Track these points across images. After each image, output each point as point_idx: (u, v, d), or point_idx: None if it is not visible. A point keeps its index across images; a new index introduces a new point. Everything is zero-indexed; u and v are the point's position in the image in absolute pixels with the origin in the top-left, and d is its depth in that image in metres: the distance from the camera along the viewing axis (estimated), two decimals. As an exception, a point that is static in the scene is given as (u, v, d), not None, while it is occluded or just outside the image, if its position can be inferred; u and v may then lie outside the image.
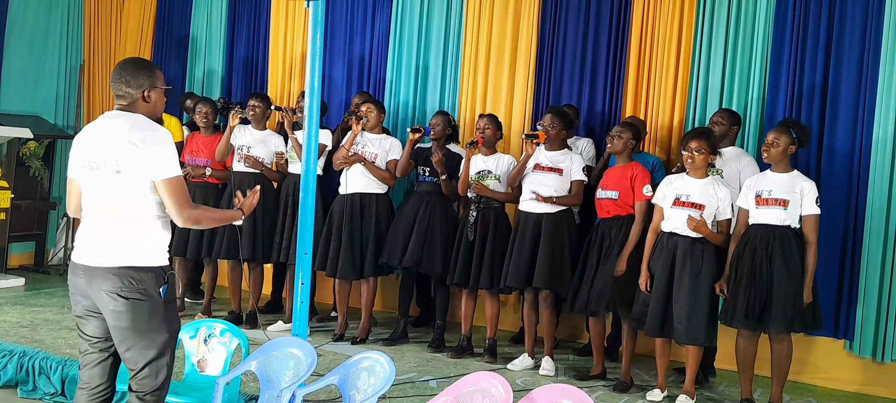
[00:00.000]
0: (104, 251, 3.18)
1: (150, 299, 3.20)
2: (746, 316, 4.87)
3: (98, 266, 3.17)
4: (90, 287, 3.20)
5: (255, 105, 6.48)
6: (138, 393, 3.24)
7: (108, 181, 3.18)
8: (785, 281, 4.80)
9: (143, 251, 3.21)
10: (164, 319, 3.25)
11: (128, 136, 3.15)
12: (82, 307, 3.28)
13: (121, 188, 3.17)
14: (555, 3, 6.77)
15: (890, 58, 5.57)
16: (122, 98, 3.27)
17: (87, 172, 3.23)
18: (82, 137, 3.31)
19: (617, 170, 5.43)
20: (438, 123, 6.15)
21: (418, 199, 6.07)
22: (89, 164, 3.22)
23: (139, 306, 3.17)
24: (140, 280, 3.17)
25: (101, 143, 3.21)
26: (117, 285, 3.15)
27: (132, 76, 3.26)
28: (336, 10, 7.62)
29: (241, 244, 6.20)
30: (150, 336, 3.20)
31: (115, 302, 3.16)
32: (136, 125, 3.19)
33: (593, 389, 5.28)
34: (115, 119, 3.24)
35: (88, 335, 3.30)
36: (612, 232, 5.36)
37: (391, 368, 3.67)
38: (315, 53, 4.49)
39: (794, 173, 4.98)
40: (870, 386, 5.74)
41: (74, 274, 3.27)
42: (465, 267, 5.77)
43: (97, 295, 3.19)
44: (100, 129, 3.26)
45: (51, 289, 7.36)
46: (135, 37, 8.79)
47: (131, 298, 3.16)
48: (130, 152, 3.14)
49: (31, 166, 8.14)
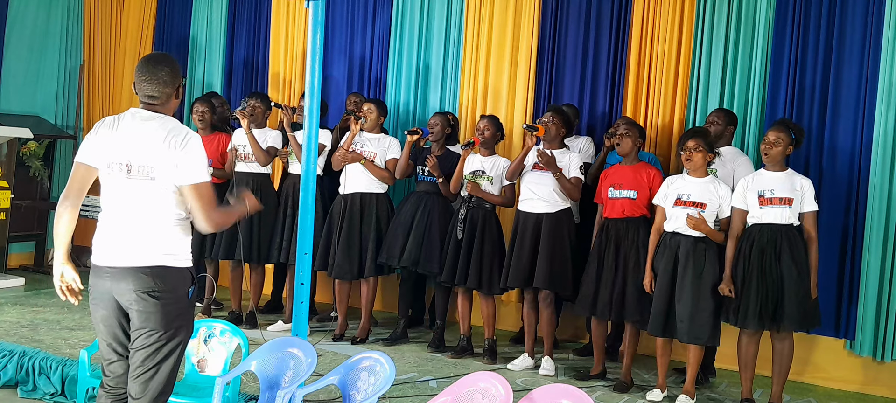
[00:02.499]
0: (135, 252, 3.16)
1: (179, 300, 3.21)
2: (759, 317, 4.87)
3: (128, 266, 3.15)
4: (118, 288, 3.18)
5: (254, 105, 6.49)
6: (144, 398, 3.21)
7: (141, 186, 3.16)
8: (796, 280, 4.82)
9: (173, 252, 3.20)
10: (188, 320, 3.27)
11: (164, 142, 3.13)
12: (105, 310, 3.24)
13: (154, 193, 3.16)
14: (555, 4, 6.77)
15: (890, 57, 5.57)
16: (156, 98, 3.21)
17: (120, 175, 3.18)
18: (113, 134, 3.22)
19: (628, 169, 5.42)
20: (437, 124, 6.14)
21: (417, 199, 6.08)
22: (124, 168, 3.17)
23: (168, 306, 3.17)
24: (171, 280, 3.17)
25: (135, 147, 3.16)
26: (149, 285, 3.14)
27: (170, 75, 3.21)
28: (336, 10, 7.61)
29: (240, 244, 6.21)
30: (171, 337, 3.20)
31: (145, 302, 3.15)
32: (171, 131, 3.16)
33: (593, 389, 5.28)
34: (146, 121, 3.19)
35: (111, 339, 3.27)
36: (629, 235, 5.32)
37: (391, 368, 3.67)
38: (315, 53, 4.49)
39: (789, 171, 5.00)
40: (870, 386, 5.74)
41: (98, 277, 3.23)
42: (453, 266, 5.77)
43: (125, 296, 3.17)
44: (131, 131, 3.19)
45: (51, 289, 7.32)
46: (135, 37, 8.78)
47: (162, 298, 3.16)
48: (165, 158, 3.12)
49: (31, 166, 8.14)
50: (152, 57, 3.29)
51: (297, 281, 4.52)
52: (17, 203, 7.71)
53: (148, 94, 3.21)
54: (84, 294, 3.32)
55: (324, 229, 6.17)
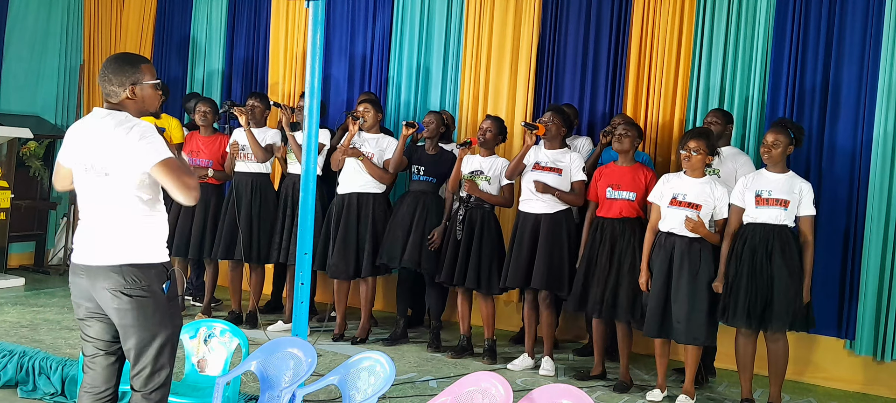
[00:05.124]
0: (104, 250, 3.17)
1: (154, 296, 3.18)
2: (748, 316, 4.87)
3: (99, 265, 3.16)
4: (93, 287, 3.19)
5: (253, 104, 6.49)
6: (142, 391, 3.23)
7: (99, 183, 3.17)
8: (786, 281, 4.82)
9: (143, 248, 3.19)
10: (167, 315, 3.24)
11: (112, 136, 3.12)
12: (85, 309, 3.26)
13: (112, 189, 3.16)
14: (555, 4, 6.77)
15: (890, 57, 5.57)
16: (109, 96, 3.23)
17: (82, 173, 3.22)
18: (75, 133, 3.27)
19: (626, 170, 5.41)
20: (431, 122, 6.14)
21: (414, 199, 6.07)
22: (83, 166, 3.21)
23: (143, 303, 3.16)
24: (143, 277, 3.16)
25: (91, 145, 3.19)
26: (120, 283, 3.14)
27: (115, 73, 3.20)
28: (336, 9, 7.61)
29: (240, 244, 6.20)
30: (153, 334, 3.19)
31: (119, 300, 3.14)
32: (118, 124, 3.15)
33: (593, 389, 5.28)
34: (102, 119, 3.21)
35: (92, 337, 3.28)
36: (625, 235, 5.32)
37: (391, 368, 3.67)
38: (315, 53, 4.49)
39: (790, 173, 5.00)
40: (870, 386, 5.74)
41: (75, 276, 3.25)
42: (451, 266, 5.77)
43: (100, 295, 3.18)
44: (89, 129, 3.22)
45: (51, 289, 7.36)
46: (135, 37, 8.79)
47: (135, 295, 3.14)
48: (116, 152, 3.12)
49: (31, 166, 8.14)
50: (113, 56, 3.31)
51: (297, 281, 4.51)
52: (17, 203, 7.71)
53: (104, 92, 3.25)
54: None
55: (322, 229, 6.17)
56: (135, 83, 3.22)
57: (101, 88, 3.24)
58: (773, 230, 4.87)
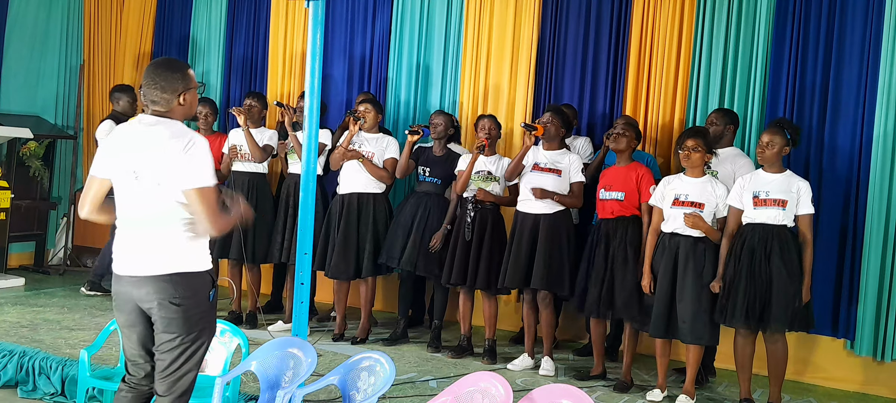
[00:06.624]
0: (152, 260, 3.15)
1: (200, 303, 3.20)
2: (746, 316, 4.87)
3: (149, 275, 3.15)
4: (139, 294, 3.18)
5: (251, 104, 6.49)
6: (171, 395, 3.23)
7: (150, 193, 3.15)
8: (785, 281, 4.81)
9: (191, 257, 3.20)
10: (208, 321, 3.27)
11: (167, 148, 3.10)
12: (128, 315, 3.25)
13: (163, 199, 3.14)
14: (555, 4, 6.77)
15: (890, 57, 5.57)
16: (157, 104, 3.18)
17: (128, 182, 3.18)
18: (121, 142, 3.23)
19: (620, 170, 5.42)
20: (440, 123, 6.13)
21: (417, 200, 6.07)
22: (131, 174, 3.17)
23: (190, 311, 3.17)
24: (191, 285, 3.17)
25: (141, 153, 3.15)
26: (169, 292, 3.14)
27: (167, 81, 3.17)
28: (336, 9, 7.61)
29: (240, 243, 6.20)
30: (195, 339, 3.21)
31: (167, 309, 3.15)
32: (175, 135, 3.12)
33: (593, 389, 5.28)
34: (153, 126, 3.17)
35: (135, 343, 3.28)
36: (618, 233, 5.33)
37: (391, 368, 3.67)
38: (315, 53, 4.49)
39: (787, 173, 4.99)
40: (870, 386, 5.74)
41: (119, 285, 3.24)
42: (462, 267, 5.76)
43: (147, 302, 3.17)
44: (139, 137, 3.18)
45: (51, 289, 7.36)
46: (135, 37, 8.79)
47: (184, 304, 3.15)
48: (170, 163, 3.09)
49: (31, 166, 8.14)
50: (157, 62, 3.26)
51: (297, 281, 4.52)
52: (17, 203, 7.71)
53: (150, 100, 3.20)
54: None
55: (323, 229, 6.16)
56: (185, 90, 3.21)
57: (145, 95, 3.19)
58: (772, 230, 4.88)
